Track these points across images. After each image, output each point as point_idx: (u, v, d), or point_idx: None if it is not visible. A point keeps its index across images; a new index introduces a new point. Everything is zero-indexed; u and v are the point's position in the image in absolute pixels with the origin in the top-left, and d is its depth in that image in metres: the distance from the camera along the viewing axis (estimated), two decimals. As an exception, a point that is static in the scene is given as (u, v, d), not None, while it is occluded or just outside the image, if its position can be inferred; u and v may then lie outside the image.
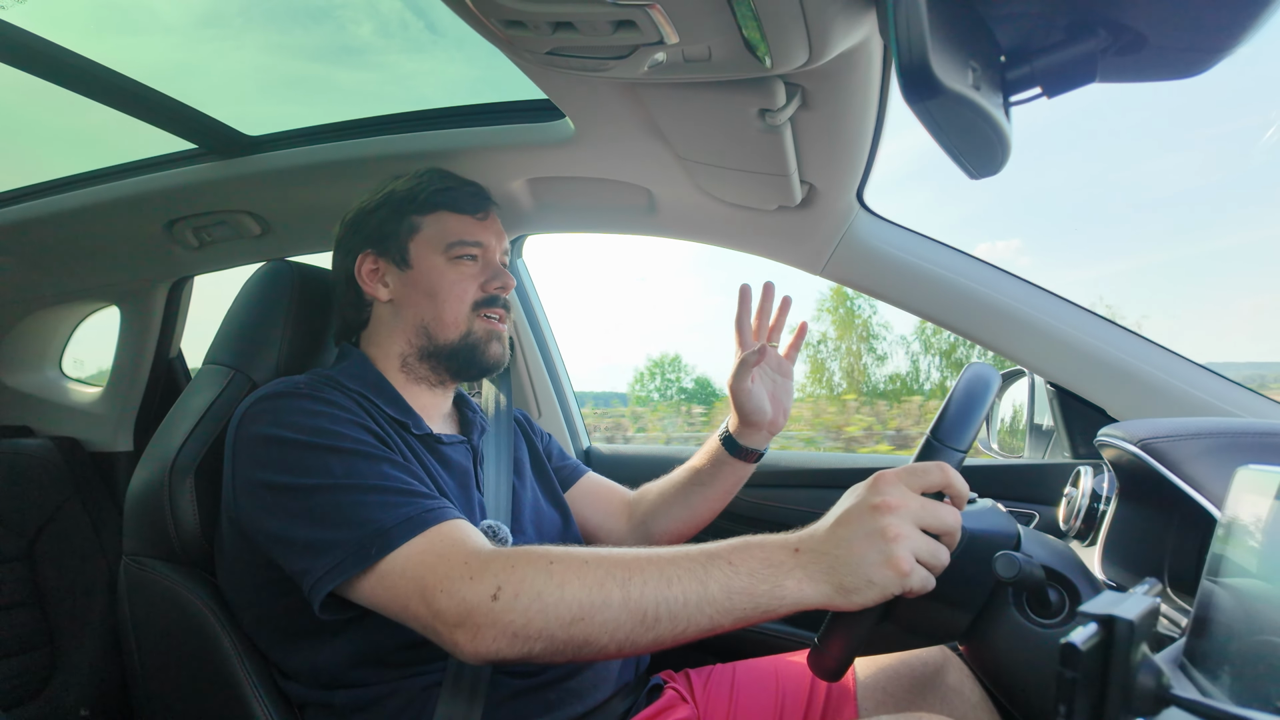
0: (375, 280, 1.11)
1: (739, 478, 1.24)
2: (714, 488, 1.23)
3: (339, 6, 1.34)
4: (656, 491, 1.28)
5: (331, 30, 1.38)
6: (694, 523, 1.25)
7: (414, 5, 0.76)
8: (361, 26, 1.35)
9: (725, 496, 1.25)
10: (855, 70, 0.84)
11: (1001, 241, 52.83)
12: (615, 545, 1.29)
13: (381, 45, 1.34)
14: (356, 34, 1.37)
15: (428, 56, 1.26)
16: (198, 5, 1.30)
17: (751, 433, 1.20)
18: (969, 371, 0.82)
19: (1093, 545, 0.96)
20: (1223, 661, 0.48)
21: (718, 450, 1.22)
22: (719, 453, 1.22)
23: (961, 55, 0.58)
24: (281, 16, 1.36)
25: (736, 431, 1.21)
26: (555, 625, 0.72)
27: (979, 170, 0.72)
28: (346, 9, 1.34)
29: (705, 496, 1.24)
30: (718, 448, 1.22)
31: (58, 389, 1.99)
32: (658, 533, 1.26)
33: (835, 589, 0.69)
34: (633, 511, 1.30)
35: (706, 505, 1.24)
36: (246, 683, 0.94)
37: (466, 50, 0.84)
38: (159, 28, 1.30)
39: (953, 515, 0.70)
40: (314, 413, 0.90)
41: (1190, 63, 0.66)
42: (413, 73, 1.37)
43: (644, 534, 1.27)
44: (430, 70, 1.32)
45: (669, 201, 1.34)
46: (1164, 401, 1.16)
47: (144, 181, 1.45)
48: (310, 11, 1.37)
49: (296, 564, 0.82)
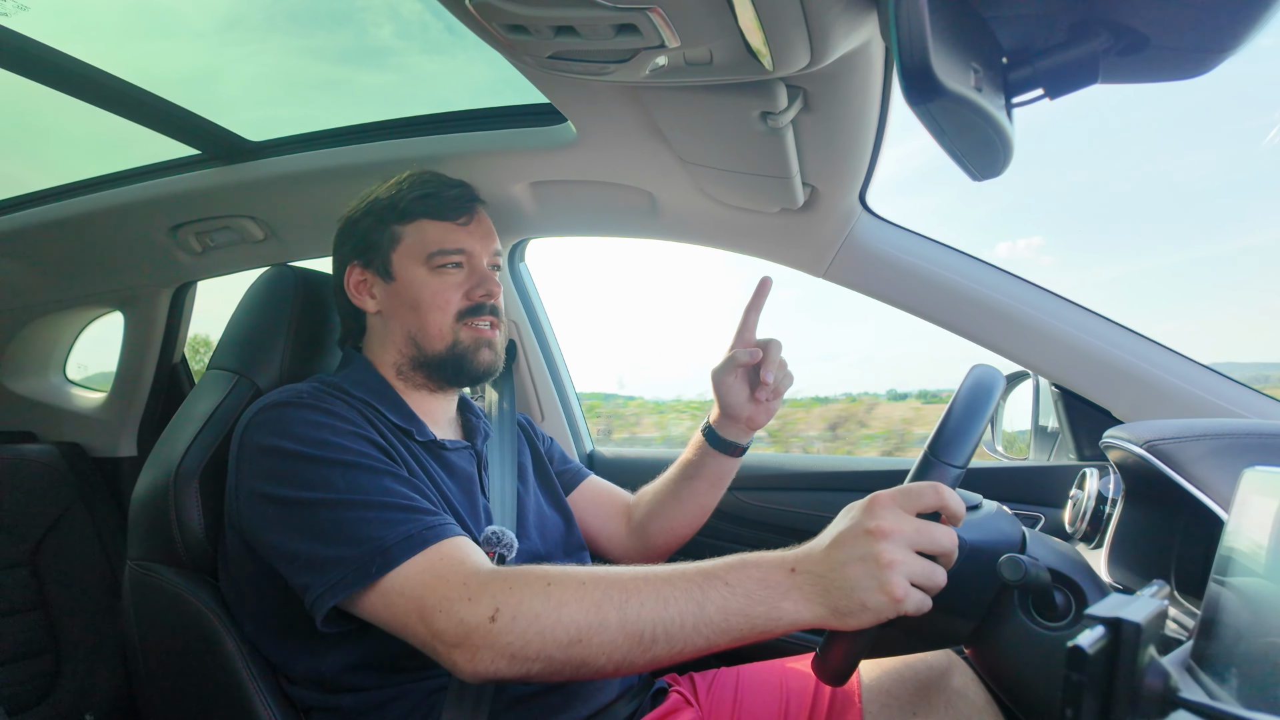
0: (364, 292, 1.11)
1: (722, 472, 1.23)
2: (700, 481, 1.23)
3: (360, 9, 1.36)
4: (651, 492, 1.29)
5: (353, 33, 1.40)
6: (687, 520, 1.25)
7: (433, 7, 0.76)
8: (382, 29, 1.37)
9: (712, 491, 1.24)
10: (857, 72, 0.84)
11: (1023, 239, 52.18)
12: (616, 549, 1.29)
13: (401, 47, 1.36)
14: (377, 36, 1.39)
15: (448, 58, 1.26)
16: (222, 10, 1.30)
17: (730, 425, 1.19)
18: (971, 375, 0.80)
19: (1099, 548, 0.95)
20: (1230, 664, 0.47)
21: (701, 443, 1.22)
22: (702, 445, 1.22)
23: (963, 57, 0.57)
24: (304, 19, 1.38)
25: (716, 422, 1.20)
26: (553, 647, 0.73)
27: (981, 172, 0.72)
28: (368, 12, 1.37)
29: (694, 490, 1.23)
30: (701, 440, 1.23)
31: (62, 394, 2.00)
32: (655, 533, 1.26)
33: (830, 611, 0.69)
34: (631, 515, 1.30)
35: (695, 501, 1.24)
36: (251, 686, 0.94)
37: (486, 51, 0.84)
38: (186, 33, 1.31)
39: (948, 537, 0.70)
40: (317, 424, 0.90)
41: (1193, 63, 0.66)
42: (433, 74, 1.38)
43: (642, 535, 1.27)
44: (451, 72, 1.33)
45: (671, 205, 1.34)
46: (1169, 403, 1.16)
47: (147, 187, 1.45)
48: (333, 14, 1.38)
49: (299, 578, 0.83)
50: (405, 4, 1.34)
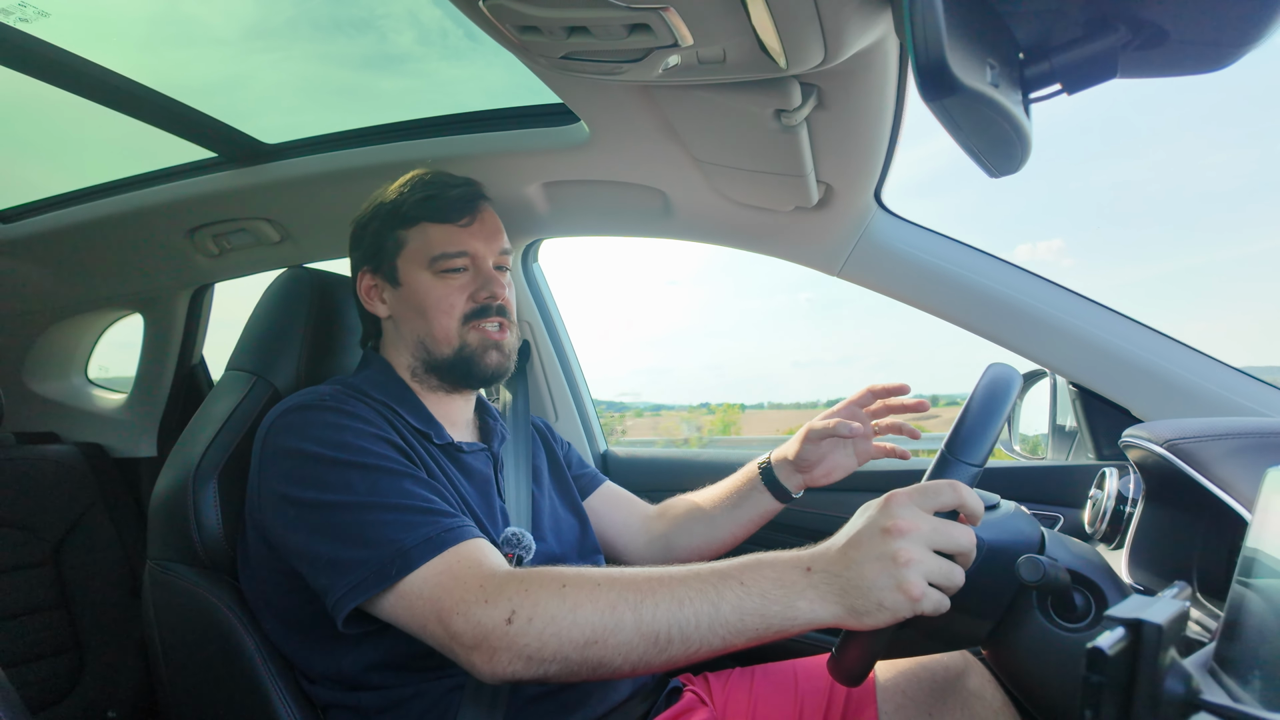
0: (374, 298, 1.11)
1: (766, 511, 1.21)
2: (741, 512, 1.21)
3: (381, 16, 1.38)
4: (683, 508, 1.27)
5: (374, 39, 1.41)
6: (715, 545, 1.23)
7: (453, 14, 0.77)
8: (402, 35, 1.38)
9: (750, 526, 1.22)
10: (872, 70, 0.83)
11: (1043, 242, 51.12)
12: (631, 555, 1.28)
13: (421, 53, 1.36)
14: (398, 43, 1.40)
15: (468, 63, 1.27)
16: (248, 19, 1.33)
17: (792, 472, 1.17)
18: (988, 374, 0.79)
19: (1119, 549, 0.94)
20: (1254, 666, 0.46)
21: (753, 475, 1.21)
22: (754, 478, 1.20)
23: (979, 52, 0.57)
24: (327, 26, 1.40)
25: (778, 465, 1.18)
26: (569, 648, 0.73)
27: (999, 169, 0.71)
28: (389, 19, 1.37)
29: (732, 519, 1.22)
30: (754, 472, 1.21)
31: (83, 395, 2.02)
32: (679, 547, 1.25)
33: (847, 610, 0.69)
34: (652, 526, 1.29)
35: (729, 530, 1.22)
36: (270, 685, 0.95)
37: (504, 56, 0.85)
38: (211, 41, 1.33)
39: (966, 535, 0.69)
40: (338, 426, 0.91)
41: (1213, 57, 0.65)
42: (453, 79, 1.38)
43: (665, 547, 1.26)
44: (471, 76, 1.34)
45: (684, 204, 1.34)
46: (1190, 401, 1.14)
47: (165, 190, 1.47)
48: (354, 21, 1.39)
49: (319, 580, 0.84)
50: (425, 11, 1.34)
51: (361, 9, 1.36)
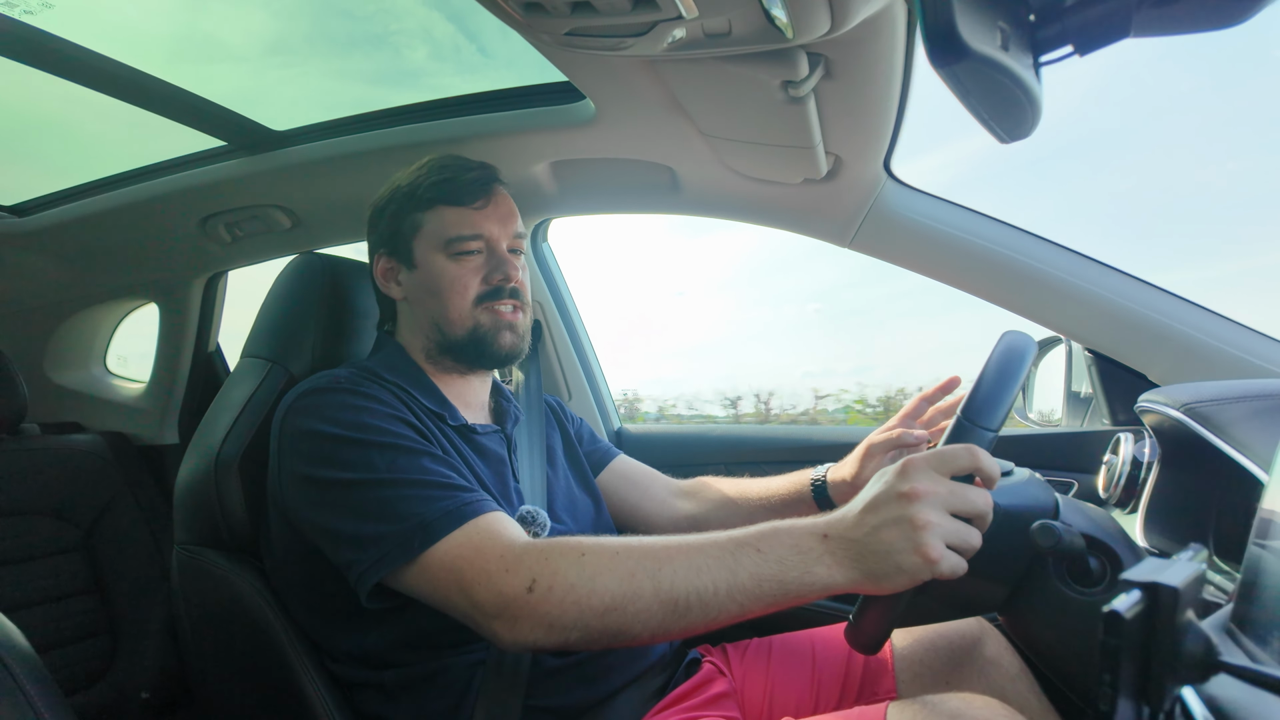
0: (390, 280, 1.12)
1: None
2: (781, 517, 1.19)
3: (394, 33, 1.40)
4: (718, 497, 1.26)
5: (389, 55, 1.44)
6: None
7: (466, 30, 0.77)
8: (416, 51, 1.40)
9: None
10: (879, 37, 0.82)
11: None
12: (653, 528, 1.28)
13: (435, 69, 1.39)
14: (412, 59, 1.43)
15: (481, 77, 1.28)
16: (268, 36, 1.36)
17: (848, 491, 1.13)
18: (1003, 341, 0.79)
19: (1134, 513, 0.94)
20: (1272, 626, 0.47)
21: (802, 488, 1.18)
22: (802, 491, 1.18)
23: (989, 16, 0.56)
24: (342, 43, 1.43)
25: (832, 483, 1.15)
26: (589, 616, 0.74)
27: (1009, 134, 0.70)
28: (402, 35, 1.40)
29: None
30: (804, 485, 1.18)
31: (104, 385, 2.05)
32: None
33: (864, 575, 0.69)
34: (678, 503, 1.29)
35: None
36: (298, 664, 0.97)
37: (517, 70, 0.85)
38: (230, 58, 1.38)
39: (983, 498, 0.69)
40: (356, 408, 0.92)
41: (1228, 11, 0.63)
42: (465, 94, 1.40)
43: (691, 527, 1.24)
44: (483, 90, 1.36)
45: (692, 179, 1.33)
46: (1206, 364, 1.13)
47: (177, 180, 1.48)
48: (369, 38, 1.42)
49: (343, 556, 0.85)
50: (438, 27, 1.37)
51: (376, 25, 1.38)
